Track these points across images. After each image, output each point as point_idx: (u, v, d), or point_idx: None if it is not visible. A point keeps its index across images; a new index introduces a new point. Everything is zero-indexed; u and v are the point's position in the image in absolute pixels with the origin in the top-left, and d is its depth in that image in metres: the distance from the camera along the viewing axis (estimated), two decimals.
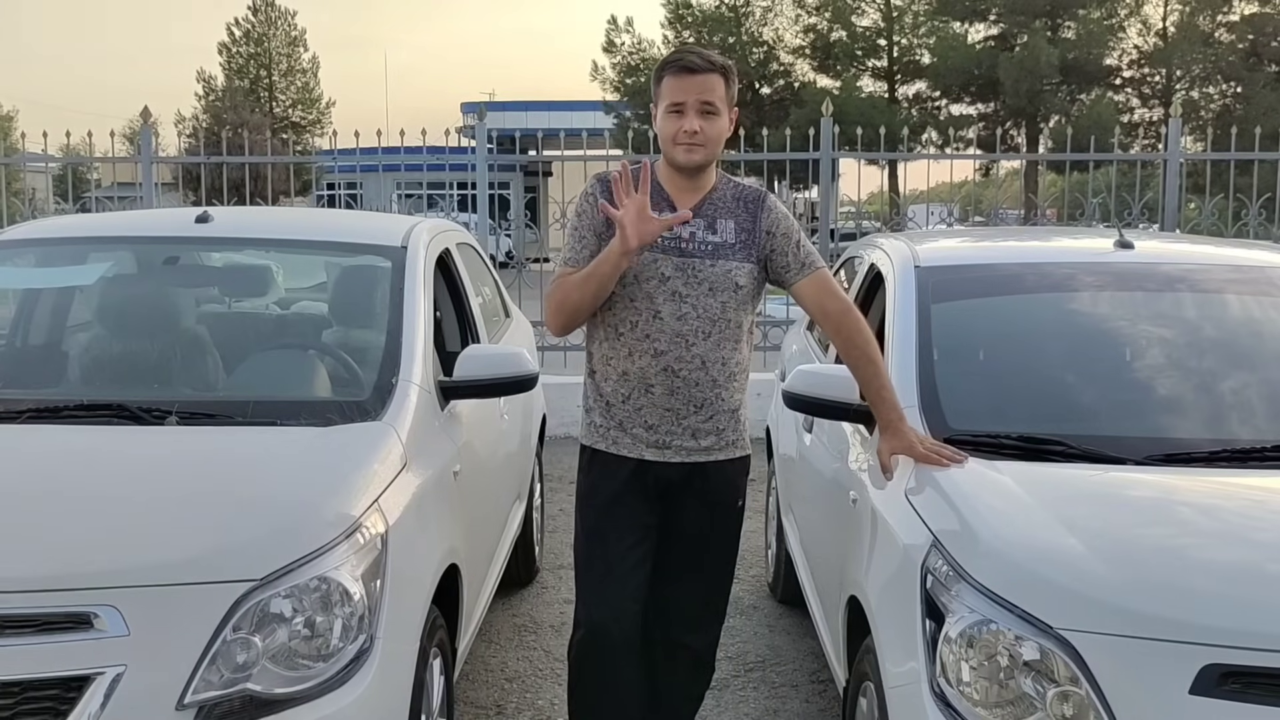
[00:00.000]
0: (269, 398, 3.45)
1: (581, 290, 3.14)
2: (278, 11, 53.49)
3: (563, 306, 3.19)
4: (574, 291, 3.16)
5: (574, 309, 3.18)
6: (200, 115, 43.67)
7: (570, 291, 3.17)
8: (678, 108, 3.14)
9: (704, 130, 3.13)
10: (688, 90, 3.13)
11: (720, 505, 3.36)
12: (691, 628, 3.44)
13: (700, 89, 3.13)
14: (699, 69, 3.14)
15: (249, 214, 5.55)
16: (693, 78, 3.13)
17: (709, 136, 3.14)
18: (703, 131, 3.13)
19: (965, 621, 2.54)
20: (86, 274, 4.21)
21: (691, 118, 3.12)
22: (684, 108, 3.13)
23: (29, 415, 3.27)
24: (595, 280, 3.12)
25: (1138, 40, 36.32)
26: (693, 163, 3.17)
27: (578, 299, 3.16)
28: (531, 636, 5.04)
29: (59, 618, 2.47)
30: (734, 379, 3.27)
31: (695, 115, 3.12)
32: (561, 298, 3.19)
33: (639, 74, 36.11)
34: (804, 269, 3.25)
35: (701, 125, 3.12)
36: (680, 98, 3.13)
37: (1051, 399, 3.45)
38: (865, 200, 10.23)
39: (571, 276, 3.18)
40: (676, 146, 3.15)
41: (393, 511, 2.98)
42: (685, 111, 3.13)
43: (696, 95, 3.12)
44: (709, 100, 3.13)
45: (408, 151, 9.79)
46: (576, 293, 3.15)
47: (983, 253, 4.38)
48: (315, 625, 2.64)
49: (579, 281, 3.15)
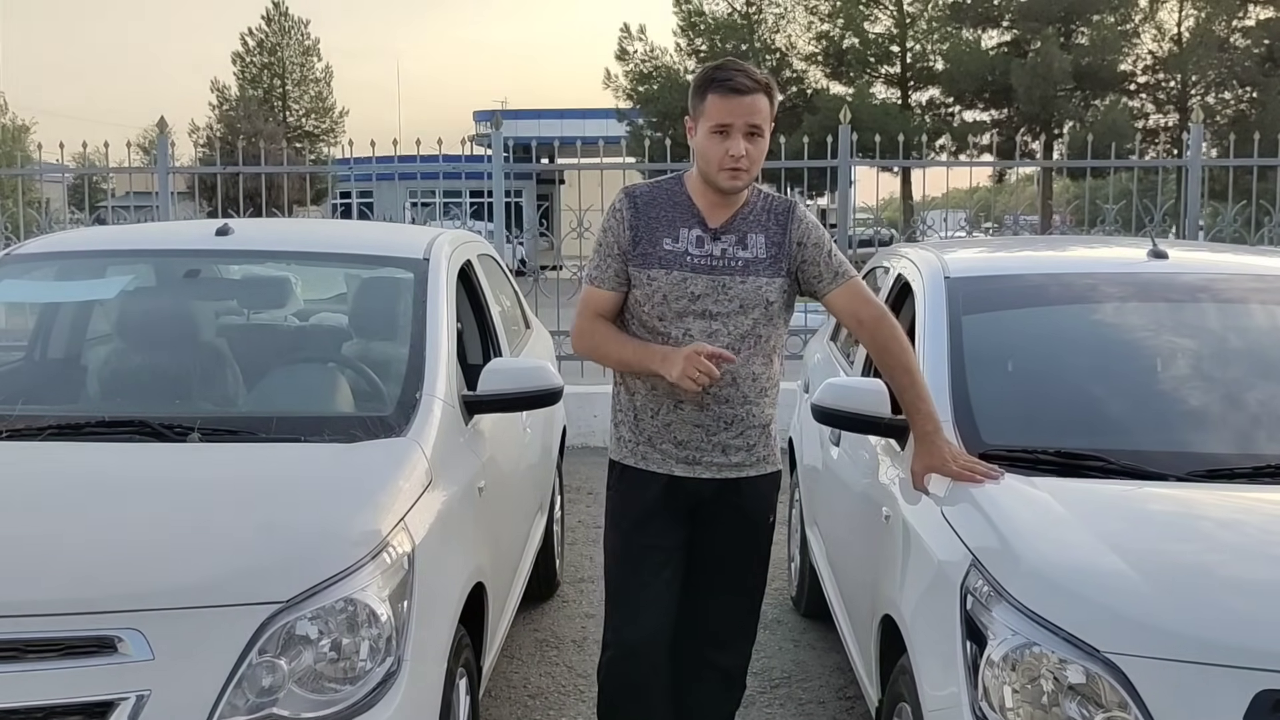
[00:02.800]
0: (292, 413, 3.41)
1: (607, 356, 3.24)
2: (291, 21, 53.55)
3: (591, 351, 3.27)
4: (602, 350, 3.23)
5: (599, 358, 3.28)
6: (214, 125, 43.78)
7: (600, 346, 3.23)
8: (723, 129, 3.04)
9: (750, 153, 3.05)
10: (735, 112, 3.03)
11: (751, 521, 3.30)
12: (721, 646, 3.38)
13: (748, 111, 3.03)
14: (746, 90, 3.03)
15: (269, 226, 5.50)
16: (740, 100, 3.03)
17: (754, 160, 3.07)
18: (748, 155, 3.05)
19: (1008, 644, 2.48)
20: (107, 288, 4.17)
21: (738, 141, 3.03)
22: (730, 130, 3.04)
23: (50, 432, 3.23)
24: (623, 365, 3.21)
25: (1152, 46, 36.17)
26: (736, 188, 3.11)
27: (602, 356, 3.26)
28: (554, 652, 4.98)
29: (83, 642, 2.42)
30: (765, 394, 3.22)
31: (742, 139, 3.04)
32: (591, 345, 3.25)
33: (651, 81, 36.13)
34: (837, 278, 3.18)
35: (748, 149, 3.04)
36: (727, 119, 3.03)
37: (1088, 413, 3.38)
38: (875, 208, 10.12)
39: (608, 344, 3.20)
40: (721, 171, 3.06)
41: (419, 530, 2.93)
42: (731, 134, 3.03)
43: (744, 118, 3.03)
44: (756, 123, 3.05)
45: (423, 160, 9.76)
46: (602, 352, 3.24)
47: (1013, 263, 4.31)
48: (342, 648, 2.59)
49: (613, 350, 3.20)
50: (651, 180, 3.30)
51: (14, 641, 2.41)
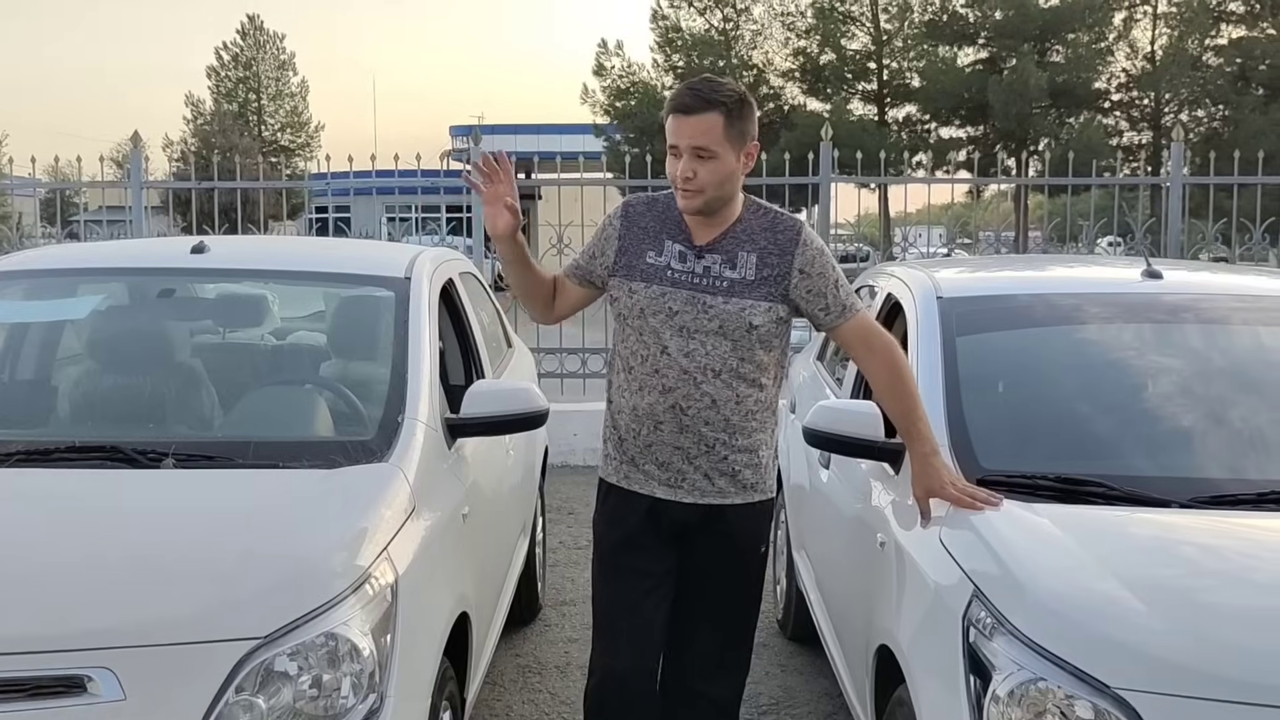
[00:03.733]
0: (270, 438, 3.30)
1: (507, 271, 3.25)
2: (266, 35, 53.50)
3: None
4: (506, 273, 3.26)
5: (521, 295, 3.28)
6: (189, 139, 43.52)
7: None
8: (674, 150, 3.00)
9: (698, 175, 2.96)
10: (680, 133, 2.97)
11: (740, 551, 3.20)
12: (710, 677, 3.27)
13: (692, 132, 2.95)
14: (693, 109, 2.95)
15: (246, 244, 5.39)
16: (686, 119, 2.96)
17: (705, 181, 2.97)
18: (697, 176, 2.96)
19: (1014, 679, 2.40)
20: (79, 307, 4.05)
21: (685, 161, 2.97)
22: (678, 150, 2.99)
23: (18, 458, 3.11)
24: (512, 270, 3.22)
25: (1126, 64, 36.52)
26: (690, 209, 3.03)
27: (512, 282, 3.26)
28: (536, 678, 4.88)
29: (50, 681, 2.32)
30: (752, 418, 3.11)
31: (688, 159, 2.97)
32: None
33: (629, 97, 36.18)
34: (845, 312, 3.08)
35: (695, 169, 2.96)
36: (674, 140, 2.99)
37: (1087, 438, 3.31)
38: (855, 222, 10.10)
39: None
40: (677, 190, 3.03)
41: (402, 560, 2.83)
42: (680, 155, 2.98)
43: (689, 139, 2.96)
44: (701, 145, 2.95)
45: (401, 175, 9.66)
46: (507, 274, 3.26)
47: (1007, 283, 4.24)
48: (323, 684, 2.49)
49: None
50: (652, 194, 3.23)
51: None
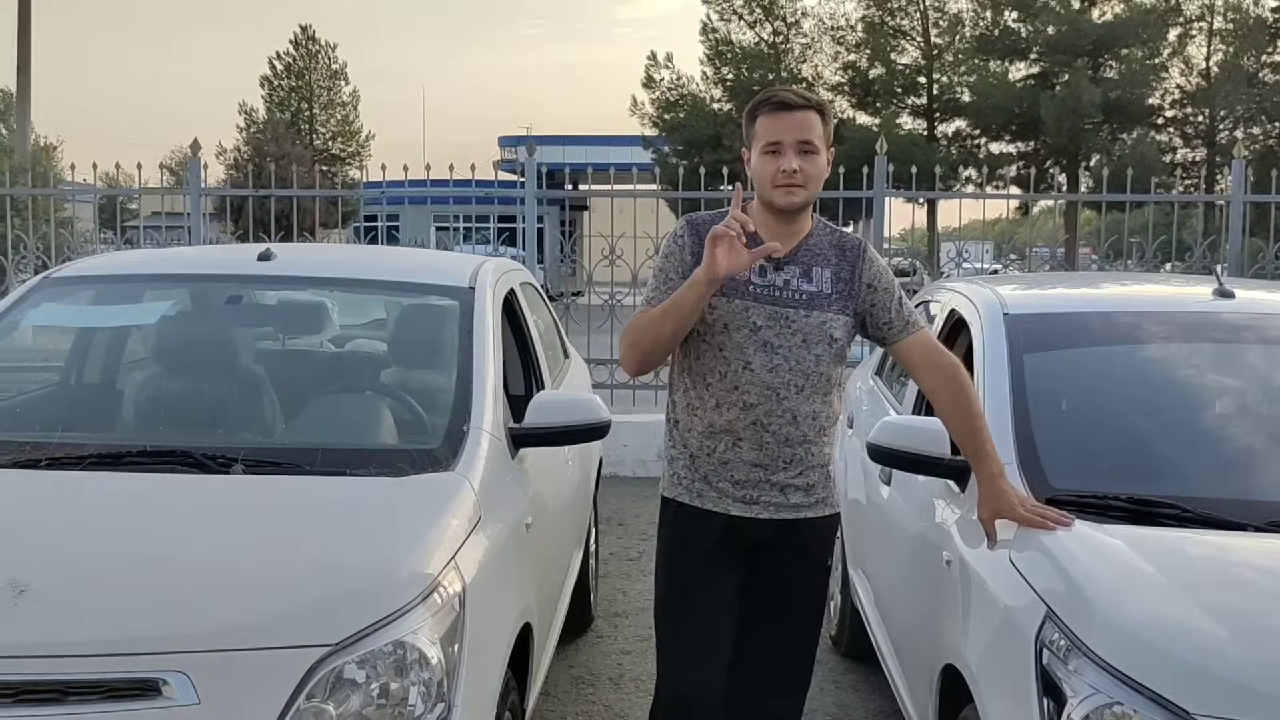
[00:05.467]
0: (338, 445, 3.32)
1: (660, 325, 2.96)
2: (319, 45, 54.06)
3: (639, 343, 3.01)
4: (652, 327, 2.97)
5: (651, 346, 3.01)
6: (242, 147, 44.03)
7: (648, 327, 2.99)
8: (774, 147, 2.98)
9: (803, 169, 2.97)
10: (784, 129, 2.98)
11: (809, 565, 3.19)
12: (776, 692, 3.25)
13: (798, 127, 2.98)
14: (795, 105, 3.00)
15: (311, 251, 5.42)
16: (790, 115, 2.99)
17: (808, 176, 2.99)
18: (802, 171, 2.97)
19: (1090, 703, 2.37)
20: (149, 313, 4.09)
21: (790, 156, 2.97)
22: (781, 147, 2.98)
23: (91, 461, 3.14)
24: (676, 312, 2.92)
25: (1180, 80, 36.08)
26: (792, 204, 3.01)
27: (655, 335, 2.98)
28: (590, 690, 4.87)
29: (126, 684, 2.33)
30: (825, 433, 3.11)
31: (793, 154, 2.97)
32: (637, 335, 3.02)
33: (678, 109, 36.17)
34: (908, 328, 3.09)
35: (800, 164, 2.97)
36: (777, 137, 2.98)
37: (1159, 457, 3.27)
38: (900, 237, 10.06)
39: (650, 312, 3.01)
40: (775, 189, 2.99)
41: (469, 569, 2.83)
42: (783, 151, 2.97)
43: (794, 134, 2.97)
44: (807, 139, 2.98)
45: (456, 185, 9.72)
46: (655, 328, 2.97)
47: (1073, 300, 4.19)
48: (390, 692, 2.49)
49: (657, 316, 2.96)
50: (713, 210, 3.21)
51: (55, 683, 2.32)
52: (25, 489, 3.05)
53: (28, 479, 3.08)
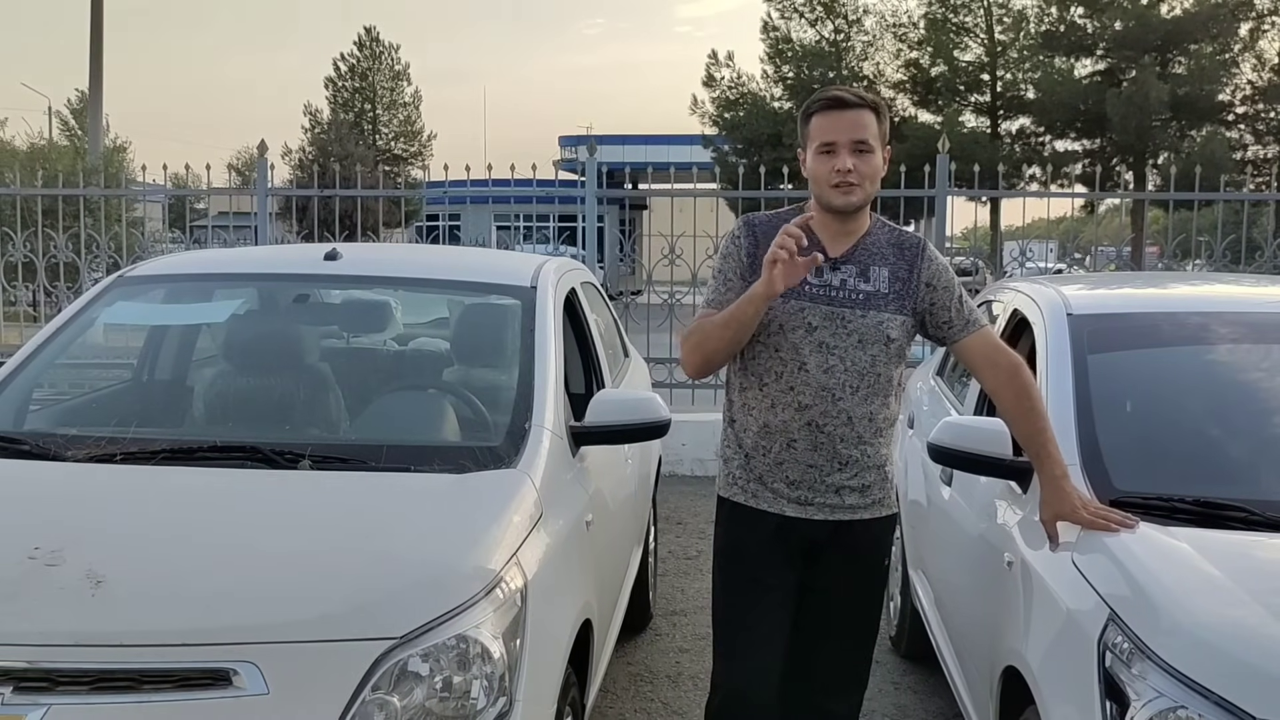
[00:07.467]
0: (402, 442, 3.37)
1: (721, 333, 3.00)
2: (382, 46, 54.61)
3: (700, 348, 3.06)
4: (714, 334, 3.01)
5: (712, 352, 3.05)
6: (307, 147, 44.59)
7: (710, 334, 3.02)
8: (829, 147, 2.99)
9: (858, 168, 2.97)
10: (839, 128, 2.98)
11: (865, 565, 3.19)
12: (833, 692, 3.26)
13: (852, 126, 2.98)
14: (850, 104, 3.00)
15: (376, 251, 5.51)
16: (844, 114, 2.99)
17: (864, 175, 2.99)
18: (857, 170, 2.97)
19: (1154, 707, 2.35)
20: (219, 311, 4.18)
21: (844, 156, 2.97)
22: (836, 147, 2.98)
23: (163, 456, 3.22)
24: (736, 323, 2.97)
25: (1252, 75, 35.31)
26: (849, 205, 3.01)
27: (716, 342, 3.02)
28: (648, 687, 4.89)
29: (198, 674, 2.39)
30: (881, 434, 3.10)
31: (848, 153, 2.97)
32: (700, 339, 3.05)
33: (737, 108, 36.05)
34: (969, 326, 3.08)
35: (855, 164, 2.97)
36: (832, 136, 2.99)
37: (1226, 460, 3.23)
38: (961, 236, 9.96)
39: (712, 318, 3.04)
40: (831, 189, 3.00)
41: (531, 565, 2.86)
42: (837, 151, 2.98)
43: (849, 133, 2.97)
44: (862, 138, 2.98)
45: (517, 184, 9.80)
46: (716, 335, 3.01)
47: (1139, 300, 4.15)
48: (453, 685, 2.53)
49: (719, 324, 3.00)
50: (771, 211, 3.22)
51: (130, 671, 2.38)
52: (101, 483, 3.13)
53: (104, 473, 3.15)
